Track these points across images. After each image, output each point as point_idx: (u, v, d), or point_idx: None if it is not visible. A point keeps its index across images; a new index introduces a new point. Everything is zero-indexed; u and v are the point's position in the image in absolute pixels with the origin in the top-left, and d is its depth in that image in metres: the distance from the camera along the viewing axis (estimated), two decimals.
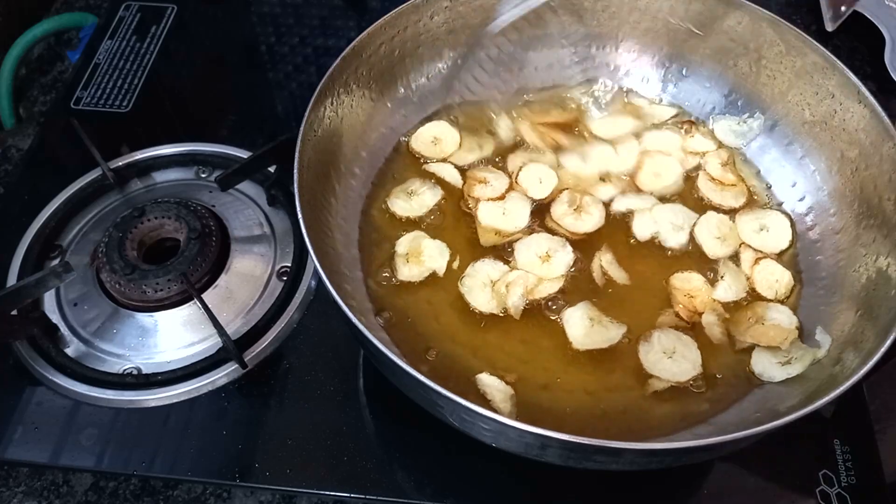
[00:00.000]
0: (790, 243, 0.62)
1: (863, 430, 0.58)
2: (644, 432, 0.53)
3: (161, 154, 0.74)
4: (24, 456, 0.57)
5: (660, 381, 0.55)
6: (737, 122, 0.68)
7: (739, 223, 0.63)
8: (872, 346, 0.49)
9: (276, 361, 0.61)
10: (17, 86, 0.86)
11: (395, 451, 0.58)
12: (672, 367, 0.56)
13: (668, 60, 0.70)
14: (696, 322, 0.58)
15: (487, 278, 0.59)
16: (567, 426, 0.42)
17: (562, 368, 0.56)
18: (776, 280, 0.60)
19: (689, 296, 0.59)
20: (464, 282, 0.59)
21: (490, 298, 0.59)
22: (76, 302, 0.64)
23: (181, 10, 0.88)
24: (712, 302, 0.59)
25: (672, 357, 0.56)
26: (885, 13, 0.84)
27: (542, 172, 0.66)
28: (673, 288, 0.60)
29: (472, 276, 0.60)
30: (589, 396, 0.55)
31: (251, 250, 0.67)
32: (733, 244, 0.62)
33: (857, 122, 0.59)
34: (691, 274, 0.61)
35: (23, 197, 0.71)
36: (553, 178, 0.66)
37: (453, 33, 0.68)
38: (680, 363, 0.56)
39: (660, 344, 0.57)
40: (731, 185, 0.66)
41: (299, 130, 0.55)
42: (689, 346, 0.57)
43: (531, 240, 0.62)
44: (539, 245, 0.61)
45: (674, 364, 0.56)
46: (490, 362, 0.56)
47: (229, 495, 0.57)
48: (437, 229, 0.63)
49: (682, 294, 0.59)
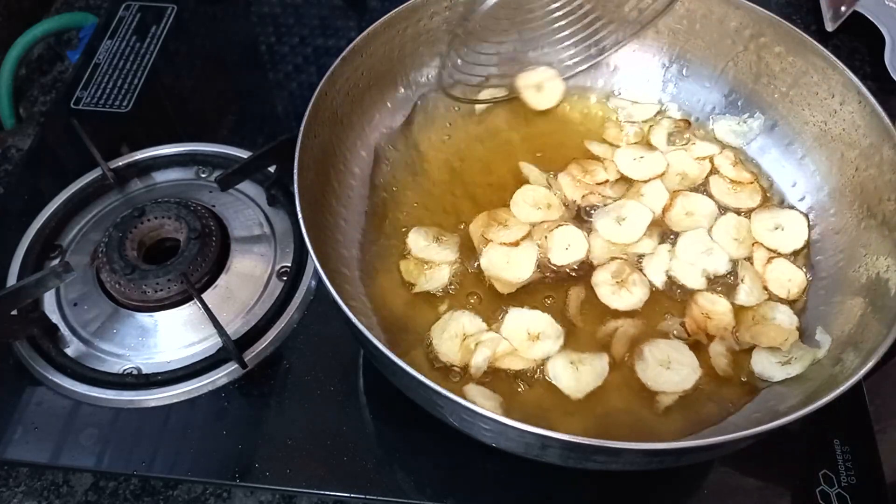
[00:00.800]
0: (805, 242, 0.61)
1: (863, 430, 0.58)
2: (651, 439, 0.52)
3: (161, 154, 0.74)
4: (24, 456, 0.57)
5: (667, 395, 0.54)
6: (737, 122, 0.68)
7: (754, 222, 0.63)
8: (872, 346, 0.49)
9: (276, 361, 0.61)
10: (17, 86, 0.86)
11: (395, 451, 0.58)
12: (673, 377, 0.55)
13: (668, 60, 0.70)
14: (697, 340, 0.57)
15: (461, 330, 0.56)
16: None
17: (565, 420, 0.54)
18: (789, 279, 0.60)
19: (707, 316, 0.58)
20: (435, 327, 0.57)
21: (457, 350, 0.56)
22: (76, 302, 0.64)
23: (181, 10, 0.88)
24: (725, 331, 0.57)
25: (669, 367, 0.55)
26: (885, 13, 0.84)
27: (573, 239, 0.61)
28: (694, 302, 0.58)
29: (447, 323, 0.57)
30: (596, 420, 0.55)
31: (251, 250, 0.67)
32: (749, 246, 0.62)
33: (857, 122, 0.59)
34: (720, 298, 0.59)
35: (23, 197, 0.71)
36: (583, 247, 0.61)
37: (453, 33, 0.68)
38: (679, 370, 0.55)
39: (653, 357, 0.55)
40: (749, 182, 0.65)
41: (299, 130, 0.55)
42: (681, 351, 0.56)
43: (530, 314, 0.57)
44: (535, 322, 0.57)
45: (674, 373, 0.55)
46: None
47: (229, 495, 0.57)
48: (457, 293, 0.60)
49: (701, 311, 0.58)
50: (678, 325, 0.58)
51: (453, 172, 0.67)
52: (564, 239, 0.61)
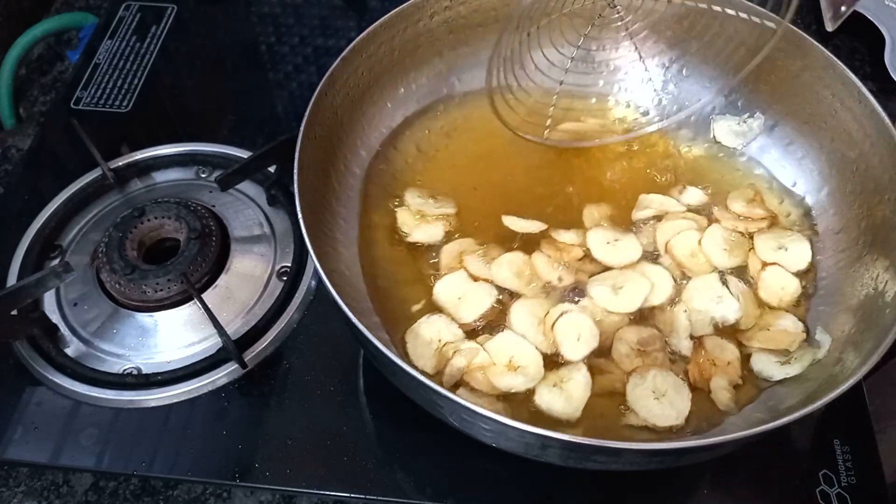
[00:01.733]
0: (809, 265, 0.60)
1: (863, 430, 0.58)
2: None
3: (161, 154, 0.74)
4: (24, 456, 0.57)
5: (637, 417, 0.52)
6: (737, 122, 0.68)
7: (757, 241, 0.61)
8: (872, 346, 0.49)
9: (276, 361, 0.61)
10: (17, 86, 0.86)
11: (395, 451, 0.58)
12: (655, 409, 0.52)
13: (669, 61, 0.70)
14: (700, 387, 0.55)
15: (437, 335, 0.55)
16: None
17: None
18: (782, 287, 0.59)
19: (713, 363, 0.55)
20: (411, 331, 0.56)
21: (431, 356, 0.54)
22: (76, 302, 0.64)
23: (181, 10, 0.88)
24: (727, 367, 0.55)
25: (659, 400, 0.53)
26: (885, 13, 0.84)
27: (584, 328, 0.56)
28: (702, 346, 0.56)
29: (421, 327, 0.56)
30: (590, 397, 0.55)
31: (251, 250, 0.67)
32: (741, 256, 0.60)
33: (857, 122, 0.59)
34: (729, 345, 0.56)
35: (23, 197, 0.71)
36: (594, 338, 0.55)
37: (453, 33, 0.68)
38: (665, 408, 0.52)
39: (653, 383, 0.53)
40: (762, 219, 0.62)
41: (299, 130, 0.55)
42: (683, 396, 0.53)
43: (522, 345, 0.55)
44: (521, 354, 0.54)
45: (658, 407, 0.52)
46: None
47: (229, 495, 0.57)
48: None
49: (707, 358, 0.55)
50: (681, 372, 0.55)
51: (454, 173, 0.67)
52: (573, 328, 0.56)
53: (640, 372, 0.54)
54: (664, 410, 0.53)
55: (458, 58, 0.69)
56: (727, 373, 0.55)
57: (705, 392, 0.54)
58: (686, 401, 0.53)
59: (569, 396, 0.53)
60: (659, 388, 0.53)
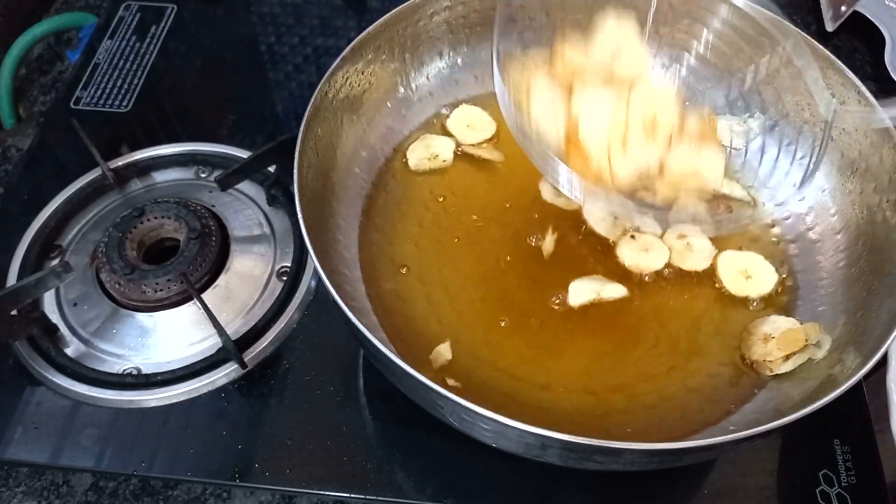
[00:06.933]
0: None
1: (863, 430, 0.58)
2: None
3: (161, 154, 0.74)
4: (24, 456, 0.57)
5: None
6: (737, 122, 0.68)
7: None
8: (872, 346, 0.49)
9: (275, 361, 0.61)
10: (17, 86, 0.86)
11: (395, 451, 0.58)
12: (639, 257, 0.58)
13: (669, 60, 0.70)
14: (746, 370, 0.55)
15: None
16: (567, 426, 0.42)
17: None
18: (747, 277, 0.59)
19: (766, 339, 0.55)
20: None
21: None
22: (76, 302, 0.64)
23: (181, 10, 0.88)
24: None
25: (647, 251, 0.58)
26: (885, 13, 0.84)
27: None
28: (748, 333, 0.56)
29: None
30: (591, 397, 0.55)
31: (251, 250, 0.67)
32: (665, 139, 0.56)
33: (857, 122, 0.59)
34: (780, 318, 0.56)
35: (23, 197, 0.71)
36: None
37: (453, 33, 0.68)
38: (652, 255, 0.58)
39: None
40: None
41: (299, 130, 0.55)
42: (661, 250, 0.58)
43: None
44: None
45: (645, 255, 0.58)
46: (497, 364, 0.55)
47: (229, 495, 0.57)
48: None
49: (760, 337, 0.55)
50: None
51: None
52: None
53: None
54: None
55: (459, 58, 0.69)
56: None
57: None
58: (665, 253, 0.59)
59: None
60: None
